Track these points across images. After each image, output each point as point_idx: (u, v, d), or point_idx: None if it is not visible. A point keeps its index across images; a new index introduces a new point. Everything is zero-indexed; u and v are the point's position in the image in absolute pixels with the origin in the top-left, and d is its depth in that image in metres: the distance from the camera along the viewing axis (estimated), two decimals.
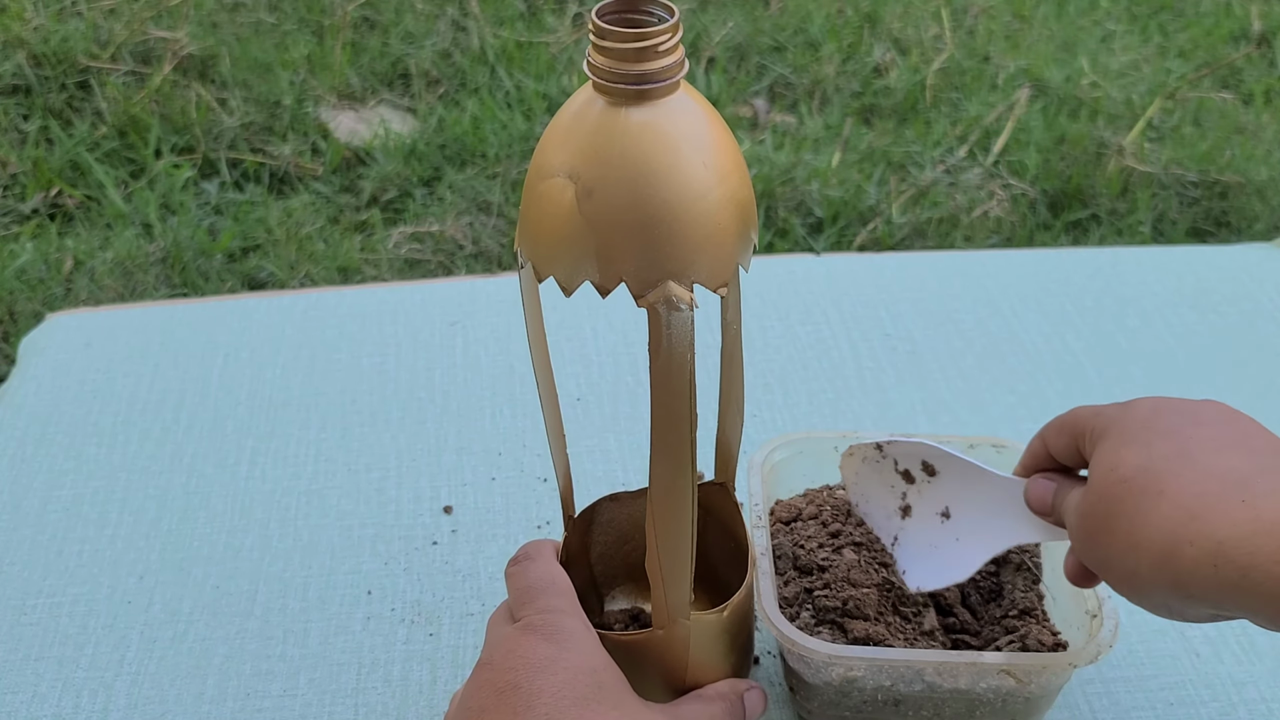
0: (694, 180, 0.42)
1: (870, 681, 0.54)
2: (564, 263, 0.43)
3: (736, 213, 0.44)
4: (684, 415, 0.46)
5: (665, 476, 0.47)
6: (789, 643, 0.53)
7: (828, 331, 0.86)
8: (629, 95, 0.42)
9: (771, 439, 0.64)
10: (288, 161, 1.77)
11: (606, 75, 0.41)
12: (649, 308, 0.43)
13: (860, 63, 2.02)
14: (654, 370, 0.45)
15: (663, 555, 0.49)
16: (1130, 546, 0.44)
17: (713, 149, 0.43)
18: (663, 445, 0.47)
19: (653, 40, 0.41)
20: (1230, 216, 1.73)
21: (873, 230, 1.68)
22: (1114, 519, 0.45)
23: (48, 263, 1.57)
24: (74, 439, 0.78)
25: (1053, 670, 0.53)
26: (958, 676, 0.53)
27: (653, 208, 0.42)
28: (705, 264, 0.43)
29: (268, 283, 1.58)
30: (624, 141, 0.42)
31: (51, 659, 0.64)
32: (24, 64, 1.87)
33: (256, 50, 1.96)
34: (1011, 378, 0.82)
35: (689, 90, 0.43)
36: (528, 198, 0.44)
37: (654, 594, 0.51)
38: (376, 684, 0.62)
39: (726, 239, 0.43)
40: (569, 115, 0.43)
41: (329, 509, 0.72)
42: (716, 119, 0.44)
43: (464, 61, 1.99)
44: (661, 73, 0.41)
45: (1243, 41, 2.13)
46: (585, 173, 0.42)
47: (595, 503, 0.60)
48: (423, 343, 0.85)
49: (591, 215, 0.42)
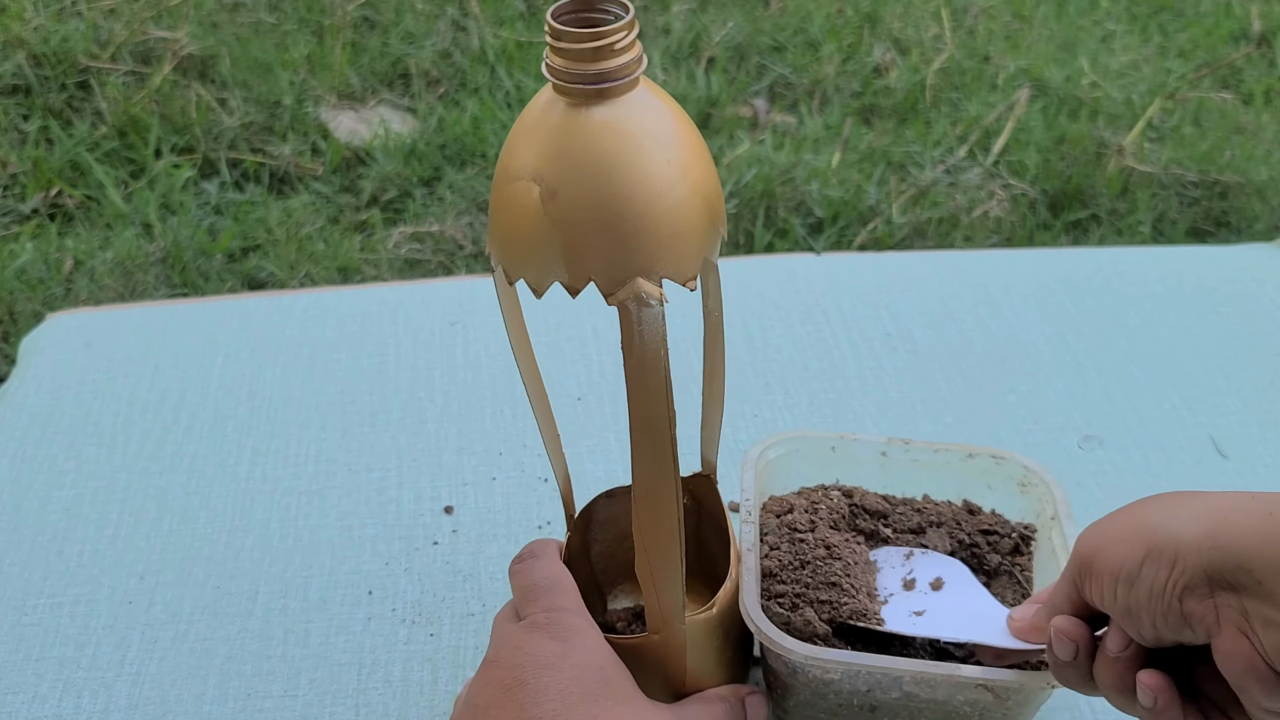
0: (657, 177, 0.42)
1: (846, 685, 0.54)
2: (533, 265, 0.44)
3: (702, 206, 0.44)
4: (662, 413, 0.45)
5: (648, 478, 0.47)
6: (766, 640, 0.53)
7: (828, 331, 0.86)
8: (588, 95, 0.42)
9: (767, 436, 0.64)
10: (288, 161, 1.77)
11: (565, 76, 0.41)
12: (619, 305, 0.43)
13: (860, 63, 2.02)
14: (628, 368, 0.45)
15: (652, 558, 0.49)
16: (1174, 504, 0.44)
17: (676, 145, 0.43)
18: (643, 445, 0.46)
19: (609, 39, 0.41)
20: (1230, 216, 1.73)
21: (873, 230, 1.68)
22: (1151, 500, 0.46)
23: (48, 263, 1.57)
24: (74, 439, 0.78)
25: (1030, 689, 0.53)
26: (936, 688, 0.53)
27: (617, 206, 0.42)
28: (673, 259, 0.43)
29: (268, 283, 1.58)
30: (585, 141, 0.42)
31: (52, 659, 0.64)
32: (24, 64, 1.87)
33: (256, 50, 1.96)
34: (1011, 378, 0.82)
35: (649, 86, 0.43)
36: (495, 201, 0.45)
37: (646, 599, 0.50)
38: (377, 684, 0.62)
39: (693, 233, 0.44)
40: (531, 117, 0.43)
41: (329, 509, 0.72)
42: (679, 114, 0.44)
43: (464, 61, 1.99)
44: (619, 70, 0.41)
45: (1243, 41, 2.13)
46: (549, 174, 0.42)
47: (592, 500, 0.60)
48: (423, 343, 0.85)
49: (557, 216, 0.42)
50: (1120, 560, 0.44)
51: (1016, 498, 0.63)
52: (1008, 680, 0.52)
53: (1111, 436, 0.77)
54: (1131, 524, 0.45)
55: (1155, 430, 0.78)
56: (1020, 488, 0.63)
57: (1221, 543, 0.41)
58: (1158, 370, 0.83)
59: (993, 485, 0.63)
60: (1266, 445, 0.77)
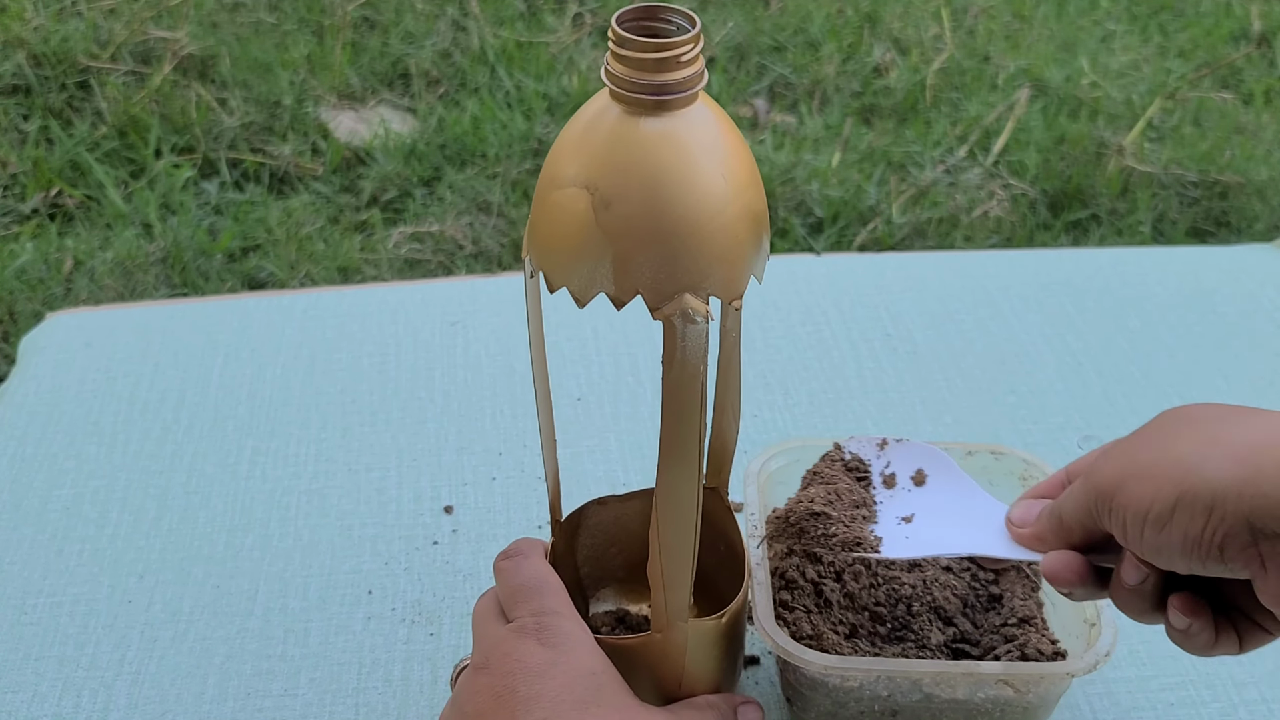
0: (713, 193, 0.42)
1: (867, 692, 0.54)
2: (579, 274, 0.43)
3: (752, 225, 0.44)
4: (695, 426, 0.46)
5: (673, 483, 0.47)
6: (784, 653, 0.53)
7: (828, 331, 0.86)
8: (647, 105, 0.41)
9: (768, 447, 0.64)
10: (288, 161, 1.77)
11: (626, 85, 0.41)
12: (664, 320, 0.43)
13: (860, 63, 2.02)
14: (667, 382, 0.44)
15: (665, 560, 0.49)
16: (1209, 441, 0.41)
17: (731, 161, 0.42)
18: (672, 453, 0.46)
19: (675, 50, 0.40)
20: (1230, 216, 1.73)
21: (873, 230, 1.68)
22: (1182, 428, 0.42)
23: (48, 262, 1.57)
24: (74, 438, 0.78)
25: (1050, 680, 0.53)
26: (955, 687, 0.53)
27: (671, 220, 0.41)
28: (722, 276, 0.43)
29: (268, 282, 1.58)
30: (642, 152, 0.41)
31: (52, 658, 0.64)
32: (24, 64, 1.87)
33: (256, 50, 1.96)
34: (1011, 378, 0.82)
35: (707, 101, 0.43)
36: (540, 207, 0.44)
37: (654, 598, 0.50)
38: (377, 684, 0.62)
39: (744, 251, 0.43)
40: (582, 124, 0.43)
41: (329, 508, 0.72)
42: (734, 130, 0.44)
43: (464, 61, 1.99)
44: (682, 84, 0.41)
45: (1243, 41, 2.13)
46: (603, 183, 0.41)
47: (583, 506, 0.60)
48: (423, 342, 0.85)
49: (609, 227, 0.42)
50: (1148, 501, 0.41)
51: (1019, 491, 0.63)
52: (1026, 672, 0.52)
53: (1111, 436, 0.76)
54: (1159, 460, 0.42)
55: None
56: (1021, 481, 0.63)
57: (1265, 489, 0.38)
58: (1158, 370, 0.83)
59: (994, 481, 0.63)
60: None
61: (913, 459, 0.59)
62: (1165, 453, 0.42)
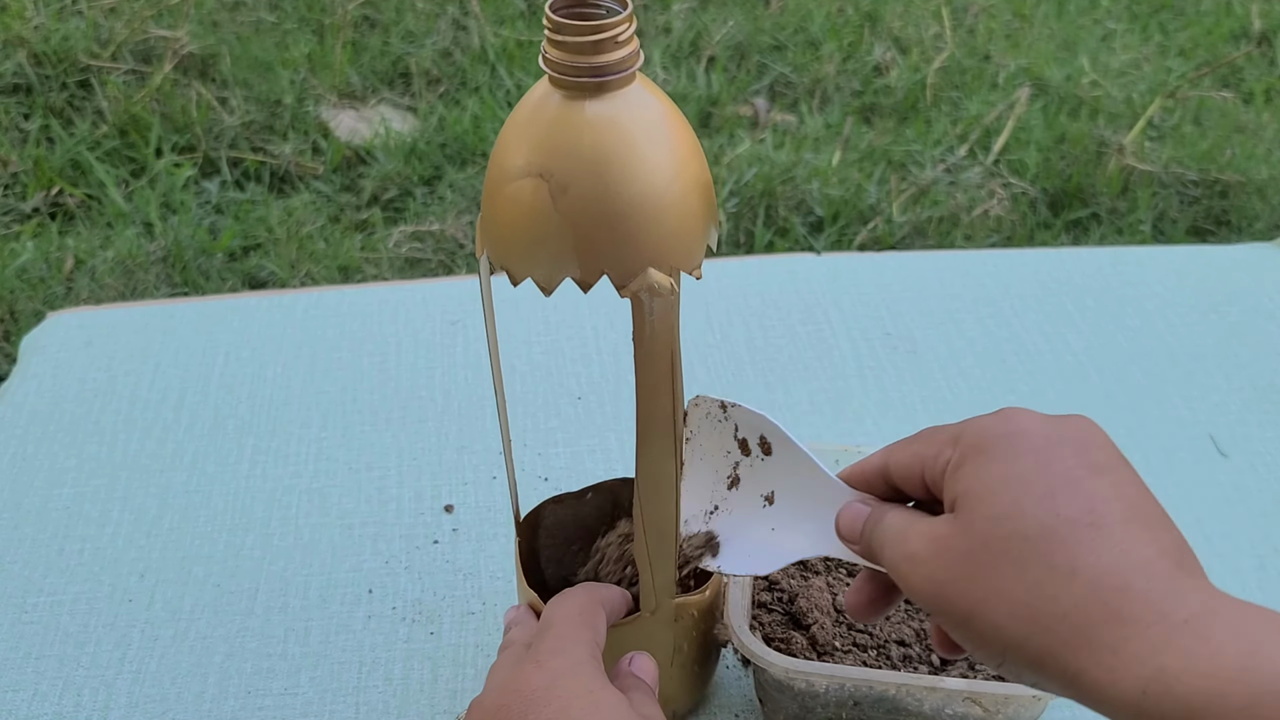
0: (661, 168, 0.43)
1: (833, 698, 0.54)
2: (543, 263, 0.44)
3: (702, 195, 0.45)
4: (669, 399, 0.47)
5: (653, 461, 0.48)
6: (750, 654, 0.54)
7: (828, 331, 0.86)
8: (588, 88, 0.42)
9: None
10: (288, 160, 1.77)
11: (566, 69, 0.42)
12: (632, 297, 0.44)
13: (860, 62, 2.02)
14: (638, 358, 0.45)
15: (649, 538, 0.50)
16: (1051, 597, 0.38)
17: (673, 137, 0.44)
18: (649, 429, 0.47)
19: (610, 32, 0.41)
20: (1230, 216, 1.73)
21: (873, 229, 1.68)
22: (1002, 568, 0.39)
23: (48, 262, 1.57)
24: (75, 437, 0.78)
25: (1019, 702, 0.52)
26: (922, 700, 0.53)
27: (626, 199, 0.42)
28: (681, 248, 0.44)
29: (268, 282, 1.58)
30: (592, 134, 0.42)
31: (52, 657, 0.64)
32: (25, 63, 1.87)
33: (257, 49, 1.96)
34: (1011, 378, 0.82)
35: (643, 80, 0.44)
36: (493, 202, 0.45)
37: (642, 577, 0.52)
38: (377, 682, 0.62)
39: (698, 222, 0.45)
40: (525, 114, 0.44)
41: (330, 507, 0.72)
42: (672, 107, 0.45)
43: (464, 60, 2.00)
44: (620, 64, 0.42)
45: (1243, 40, 2.13)
46: (556, 169, 0.42)
47: (539, 506, 0.60)
48: (423, 342, 0.85)
49: (568, 212, 0.42)
50: (989, 639, 0.39)
51: None
52: (994, 691, 0.52)
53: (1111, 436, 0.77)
54: (1012, 599, 0.38)
55: (1155, 430, 0.78)
56: None
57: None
58: (1158, 370, 0.83)
59: None
60: (1266, 445, 0.77)
61: (754, 425, 0.53)
62: (1014, 593, 0.39)
